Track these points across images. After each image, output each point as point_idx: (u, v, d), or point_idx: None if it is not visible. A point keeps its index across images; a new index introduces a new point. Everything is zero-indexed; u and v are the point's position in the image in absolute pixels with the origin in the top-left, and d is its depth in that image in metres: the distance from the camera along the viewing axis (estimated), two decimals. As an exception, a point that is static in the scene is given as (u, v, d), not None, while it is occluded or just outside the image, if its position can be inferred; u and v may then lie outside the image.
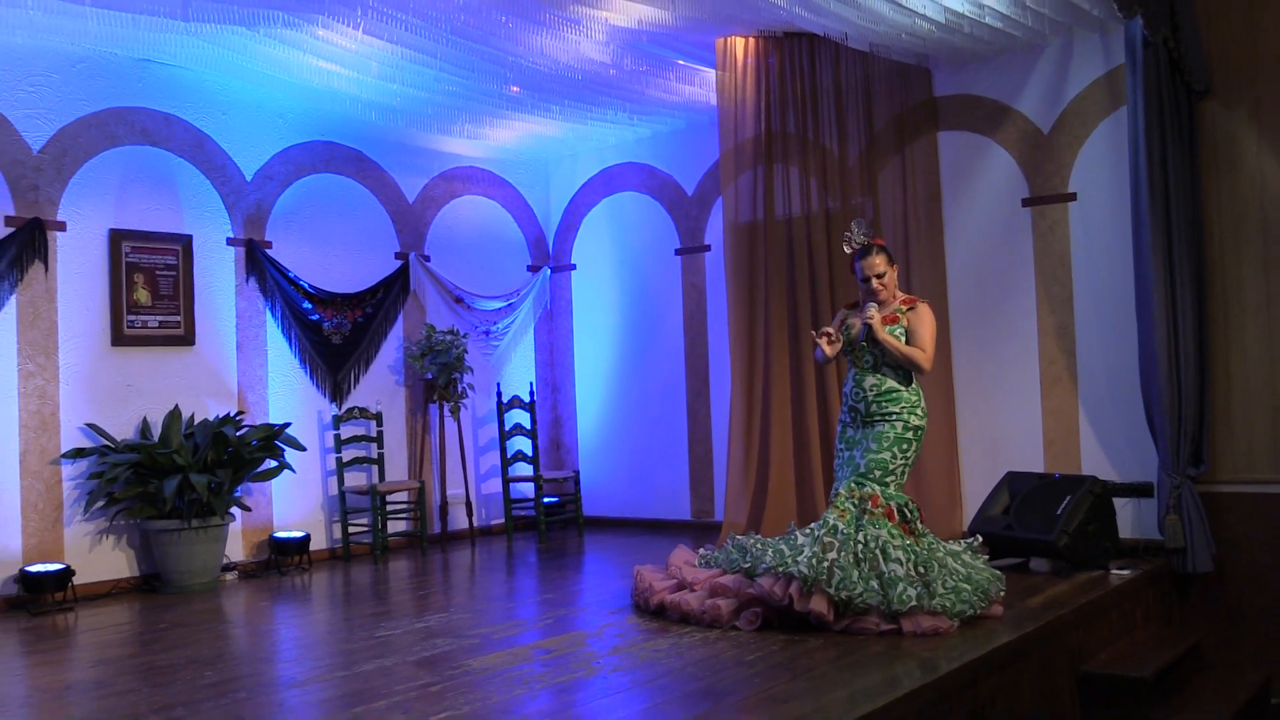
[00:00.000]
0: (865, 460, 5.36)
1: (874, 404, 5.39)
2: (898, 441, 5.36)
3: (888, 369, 5.41)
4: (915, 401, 5.42)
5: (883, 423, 5.37)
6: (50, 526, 6.81)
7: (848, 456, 5.48)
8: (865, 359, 5.44)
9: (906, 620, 4.89)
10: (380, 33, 6.47)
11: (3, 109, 6.77)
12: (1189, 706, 5.31)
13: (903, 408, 5.38)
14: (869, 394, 5.40)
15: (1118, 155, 6.92)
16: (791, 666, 4.39)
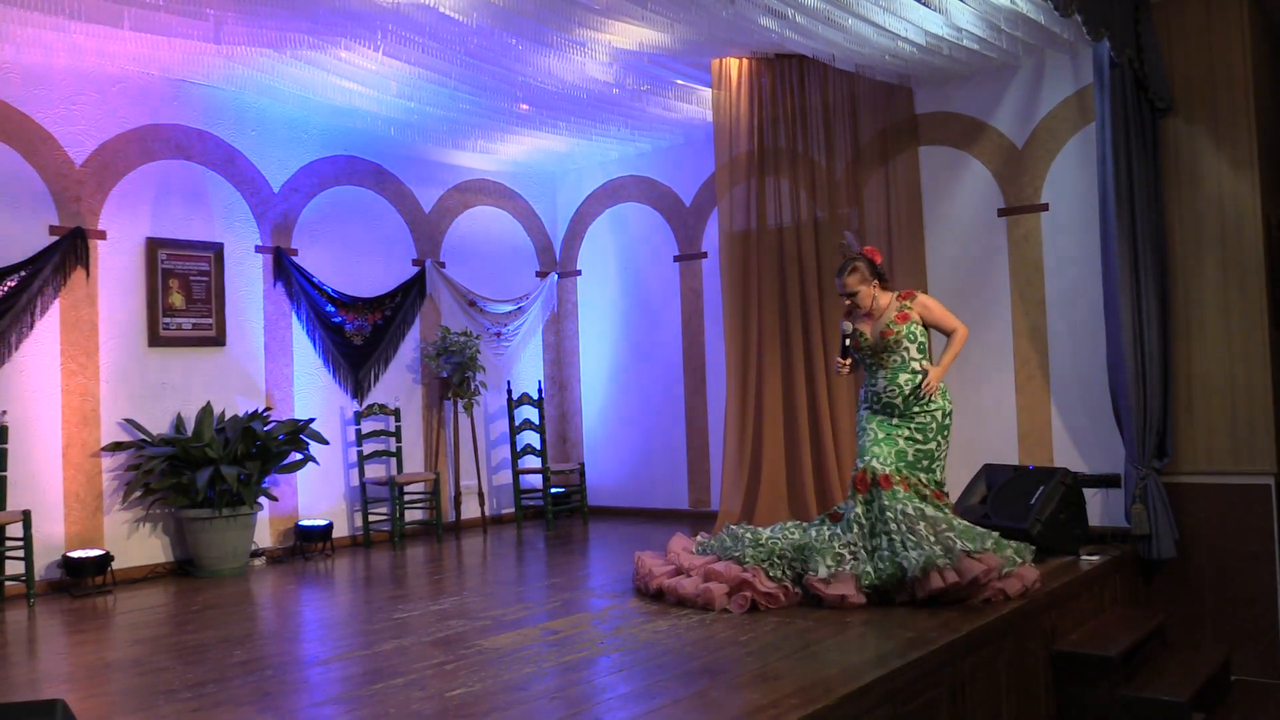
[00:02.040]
0: (914, 451, 5.40)
1: (910, 398, 5.40)
2: (940, 430, 5.44)
3: (917, 361, 5.44)
4: (944, 389, 5.50)
5: (924, 415, 5.40)
6: (91, 515, 6.80)
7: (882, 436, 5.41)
8: (894, 359, 5.42)
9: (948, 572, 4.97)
10: (399, 54, 6.46)
11: (48, 125, 6.76)
12: (1154, 683, 5.29)
13: (941, 393, 5.46)
14: (904, 389, 5.40)
15: (1087, 168, 6.91)
16: (783, 646, 4.37)
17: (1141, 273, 6.33)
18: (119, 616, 5.84)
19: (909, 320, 5.44)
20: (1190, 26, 6.58)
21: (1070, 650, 5.22)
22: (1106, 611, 5.98)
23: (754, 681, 3.88)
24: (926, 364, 5.44)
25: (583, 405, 9.90)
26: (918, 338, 5.46)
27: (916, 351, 5.45)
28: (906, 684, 3.99)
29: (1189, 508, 6.50)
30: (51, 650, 5.22)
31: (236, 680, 4.25)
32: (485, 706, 3.72)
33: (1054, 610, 5.32)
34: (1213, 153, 6.51)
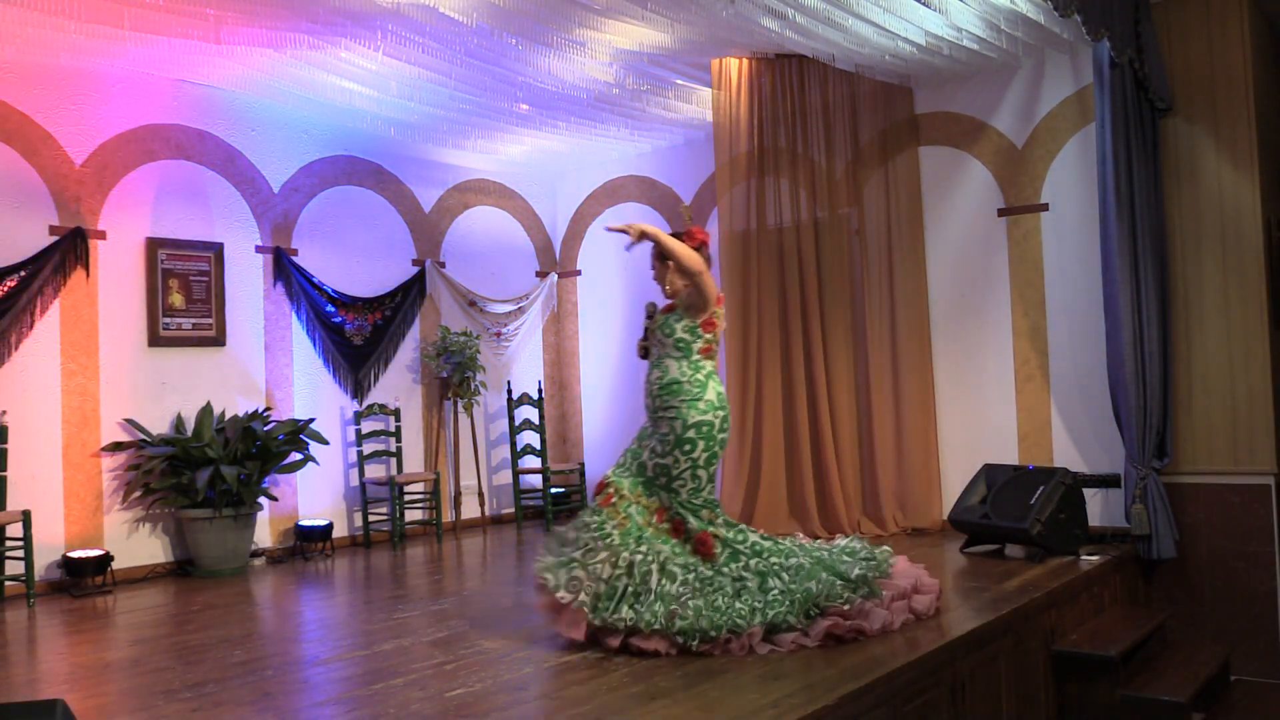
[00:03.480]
0: (653, 465, 4.66)
1: (658, 399, 4.72)
2: (679, 444, 4.58)
3: (669, 359, 4.71)
4: (697, 394, 4.61)
5: (664, 422, 4.66)
6: (91, 515, 6.79)
7: (635, 450, 4.80)
8: (653, 351, 4.84)
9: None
10: (399, 54, 6.45)
11: (48, 126, 6.75)
12: (1154, 683, 5.29)
13: (682, 401, 4.62)
14: (654, 388, 4.75)
15: (1087, 168, 6.91)
16: (783, 646, 4.37)
17: (1141, 273, 6.33)
18: (119, 616, 5.84)
19: (673, 310, 4.80)
20: (1190, 26, 6.58)
21: (1070, 650, 5.22)
22: (1106, 611, 5.98)
23: (754, 681, 3.87)
24: (684, 367, 4.68)
25: (583, 405, 9.89)
26: (675, 331, 4.74)
27: (674, 349, 4.74)
28: (906, 684, 3.99)
29: (1189, 508, 6.50)
30: (51, 650, 5.21)
31: (236, 680, 4.25)
32: (485, 706, 3.71)
33: (1054, 610, 5.32)
34: (1213, 153, 6.51)
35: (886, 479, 7.50)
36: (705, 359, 4.73)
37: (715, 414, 4.63)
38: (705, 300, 4.71)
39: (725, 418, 4.69)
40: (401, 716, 3.65)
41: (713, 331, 4.75)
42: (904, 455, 7.53)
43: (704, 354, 4.74)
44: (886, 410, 7.56)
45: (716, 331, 4.77)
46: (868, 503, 7.56)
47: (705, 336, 4.72)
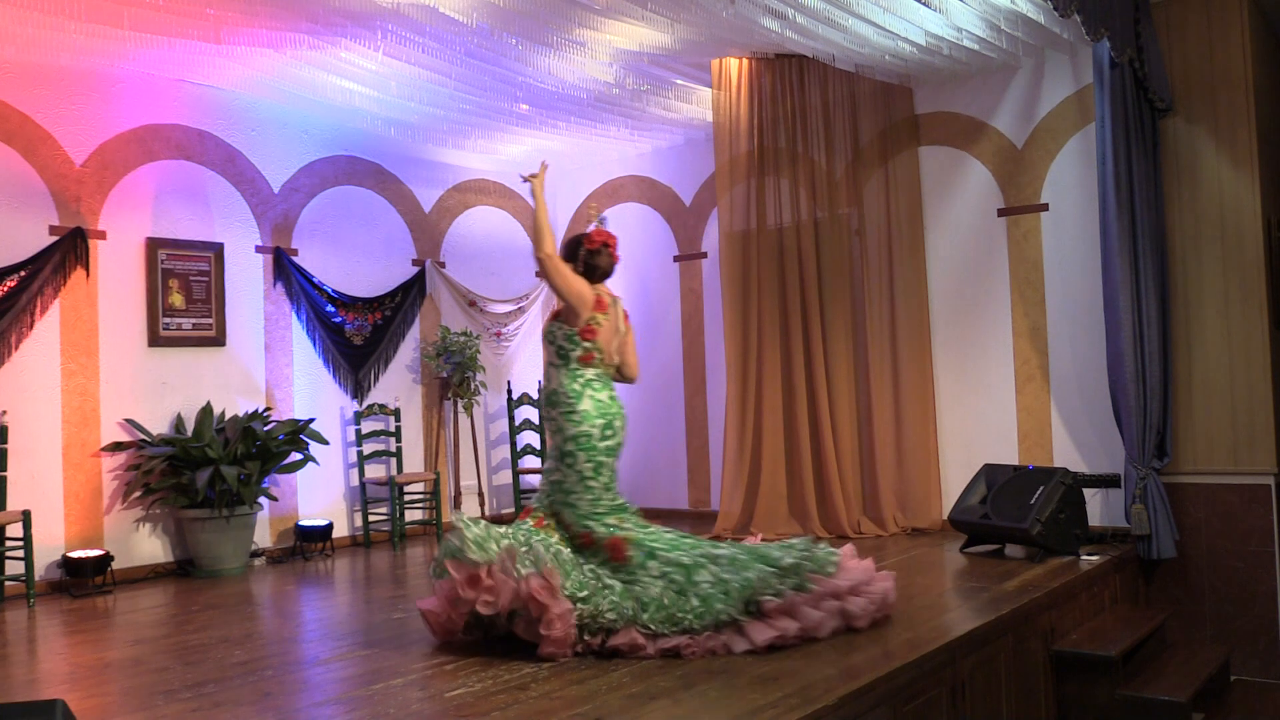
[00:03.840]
0: (548, 481, 4.71)
1: (542, 410, 4.77)
2: (563, 457, 4.60)
3: (552, 368, 4.70)
4: (572, 404, 4.59)
5: (552, 435, 4.67)
6: (91, 515, 6.79)
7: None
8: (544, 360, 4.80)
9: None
10: (399, 54, 6.45)
11: (48, 126, 6.75)
12: (1154, 683, 5.29)
13: (560, 413, 4.60)
14: (540, 399, 4.79)
15: (1087, 168, 6.91)
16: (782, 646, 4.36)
17: (1141, 273, 6.34)
18: (119, 616, 5.84)
19: (555, 318, 4.78)
20: (1190, 26, 6.58)
21: (1070, 650, 5.22)
22: (1106, 611, 5.98)
23: (754, 681, 3.87)
24: (563, 376, 4.65)
25: (583, 405, 9.87)
26: (556, 339, 4.71)
27: (556, 357, 4.71)
28: (906, 683, 3.99)
29: (1189, 508, 6.50)
30: (51, 650, 5.21)
31: (237, 680, 4.25)
32: (485, 707, 3.71)
33: (1054, 610, 5.32)
34: (1213, 153, 6.51)
35: (886, 479, 7.50)
36: (585, 367, 4.67)
37: (593, 424, 4.59)
38: (569, 299, 4.66)
39: (607, 426, 4.63)
40: (401, 717, 3.65)
41: (593, 339, 4.67)
42: (904, 455, 7.53)
43: (583, 362, 4.67)
44: (886, 410, 7.56)
45: (598, 339, 4.69)
46: (868, 503, 7.56)
47: (584, 344, 4.66)
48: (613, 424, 4.66)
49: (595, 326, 4.67)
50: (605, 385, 4.72)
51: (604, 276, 4.82)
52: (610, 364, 4.77)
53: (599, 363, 4.70)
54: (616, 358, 4.80)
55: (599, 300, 4.71)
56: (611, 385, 4.78)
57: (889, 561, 6.35)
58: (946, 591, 5.53)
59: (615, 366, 4.83)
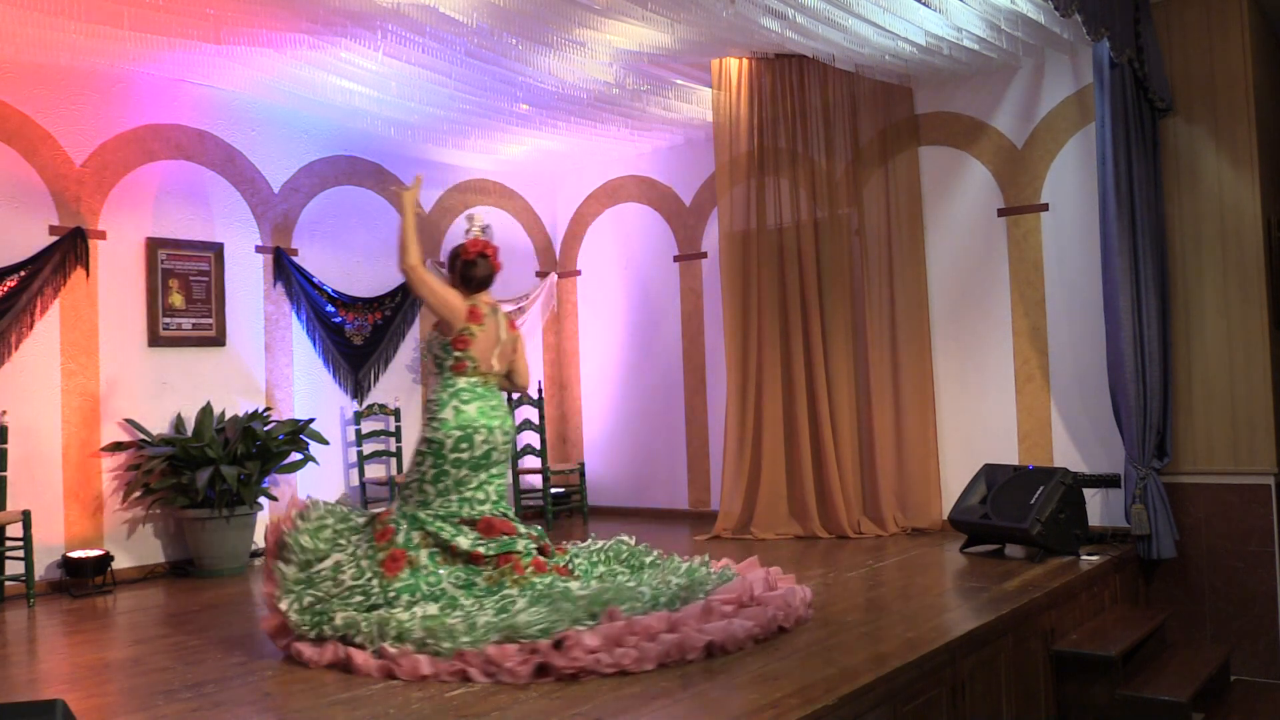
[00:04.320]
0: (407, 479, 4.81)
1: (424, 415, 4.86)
2: (416, 455, 4.75)
3: (432, 376, 4.84)
4: (435, 412, 4.73)
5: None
6: (91, 515, 6.80)
7: None
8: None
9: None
10: (399, 54, 6.46)
11: (48, 126, 6.75)
12: (1154, 683, 5.29)
13: (427, 419, 4.75)
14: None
15: (1087, 168, 6.91)
16: (782, 647, 4.37)
17: (1141, 273, 6.34)
18: (119, 616, 5.84)
19: (434, 328, 4.92)
20: (1190, 27, 6.58)
21: (1070, 650, 5.23)
22: (1106, 611, 5.98)
23: (754, 681, 3.87)
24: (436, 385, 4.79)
25: (583, 405, 9.89)
26: (434, 348, 4.84)
27: (433, 365, 4.86)
28: (906, 683, 3.99)
29: (1189, 508, 6.50)
30: (51, 650, 5.21)
31: (236, 680, 4.25)
32: (485, 707, 3.71)
33: (1054, 610, 5.32)
34: (1213, 153, 6.51)
35: (886, 479, 7.50)
36: (457, 376, 4.78)
37: (448, 433, 4.67)
38: (437, 311, 4.78)
39: (462, 439, 4.68)
40: (402, 716, 3.65)
41: (465, 349, 4.76)
42: (904, 455, 7.53)
43: (456, 371, 4.78)
44: (886, 410, 7.56)
45: (470, 349, 4.77)
46: (868, 503, 7.57)
47: (455, 354, 4.76)
48: (471, 438, 4.70)
49: (469, 336, 4.76)
50: (477, 397, 4.78)
51: (482, 286, 4.89)
52: (488, 373, 4.85)
53: (473, 372, 4.78)
54: (498, 365, 4.88)
55: (472, 311, 4.79)
56: (489, 397, 4.83)
57: (890, 561, 6.36)
58: (946, 591, 5.54)
59: (502, 375, 4.93)
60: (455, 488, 4.71)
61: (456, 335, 4.76)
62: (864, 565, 6.27)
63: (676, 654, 4.05)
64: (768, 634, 4.39)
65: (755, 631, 4.30)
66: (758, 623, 4.34)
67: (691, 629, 4.16)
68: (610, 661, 3.95)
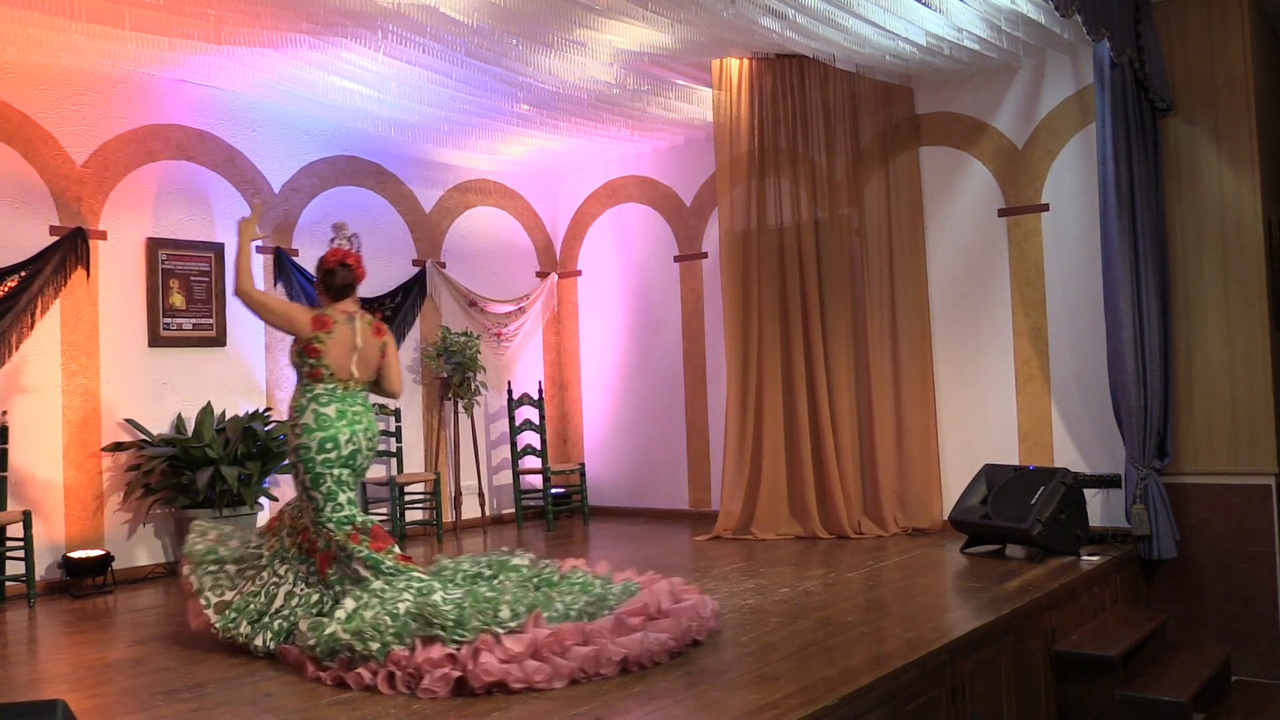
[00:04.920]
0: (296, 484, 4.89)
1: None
2: (293, 466, 4.81)
3: (298, 383, 4.90)
4: (295, 419, 4.79)
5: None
6: (91, 515, 6.80)
7: None
8: None
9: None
10: (400, 55, 6.46)
11: (48, 126, 6.76)
12: (1155, 683, 5.29)
13: (291, 426, 4.82)
14: None
15: (1087, 168, 6.91)
16: (783, 647, 4.37)
17: (1142, 273, 6.34)
18: (119, 617, 5.84)
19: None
20: (1191, 27, 6.58)
21: (1070, 650, 5.23)
22: (1107, 611, 5.98)
23: (754, 681, 3.88)
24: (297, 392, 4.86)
25: (584, 406, 9.89)
26: (293, 357, 4.91)
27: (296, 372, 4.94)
28: (907, 684, 4.00)
29: (1190, 508, 6.50)
30: (52, 650, 5.21)
31: (237, 681, 4.25)
32: (487, 706, 3.72)
33: (1054, 610, 5.32)
34: (1213, 153, 6.51)
35: (887, 479, 7.50)
36: (314, 383, 4.84)
37: (312, 438, 4.73)
38: (278, 325, 4.96)
39: (326, 439, 4.74)
40: (404, 716, 3.65)
41: (316, 357, 4.82)
42: (904, 455, 7.53)
43: (312, 378, 4.85)
44: (887, 410, 7.56)
45: (322, 356, 4.82)
46: (868, 503, 7.57)
47: (309, 361, 4.83)
48: (335, 439, 4.75)
49: (317, 345, 4.81)
50: (336, 400, 4.82)
51: (343, 293, 4.97)
52: (347, 379, 4.88)
53: (330, 378, 4.84)
54: (359, 372, 4.92)
55: (318, 319, 4.85)
56: (350, 402, 4.86)
57: (890, 562, 6.36)
58: (947, 592, 5.54)
59: (367, 381, 4.98)
60: (339, 486, 4.78)
61: (305, 344, 4.84)
62: (864, 565, 6.27)
63: (591, 668, 3.97)
64: (682, 646, 4.29)
65: (670, 645, 4.21)
66: (672, 635, 4.24)
67: (606, 643, 4.07)
68: (520, 677, 3.88)
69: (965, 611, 4.91)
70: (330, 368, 4.83)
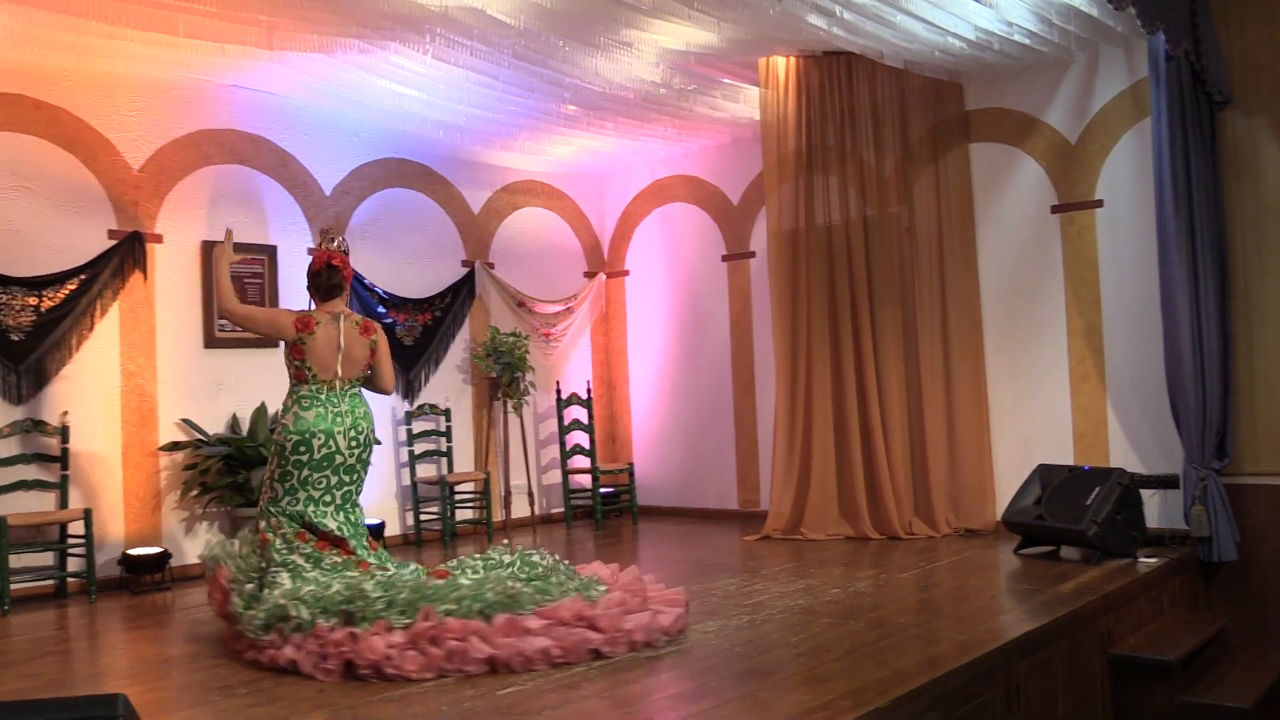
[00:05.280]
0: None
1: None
2: (270, 457, 5.03)
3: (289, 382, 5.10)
4: (280, 415, 5.06)
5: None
6: (149, 513, 6.92)
7: None
8: None
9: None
10: (448, 57, 6.50)
11: (106, 132, 6.89)
12: (1216, 689, 5.18)
13: (277, 423, 5.08)
14: None
15: (1143, 163, 6.79)
16: (834, 648, 4.34)
17: (1200, 269, 6.22)
18: (177, 613, 5.94)
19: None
20: (1250, 17, 6.44)
21: (1128, 654, 5.14)
22: (1165, 615, 5.87)
23: (805, 683, 3.85)
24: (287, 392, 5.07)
25: (632, 405, 9.90)
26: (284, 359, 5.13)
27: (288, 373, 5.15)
28: (959, 687, 3.95)
29: (1250, 509, 6.36)
30: (112, 645, 5.32)
31: (290, 676, 4.30)
32: (537, 705, 3.73)
33: (1111, 613, 5.24)
34: (1273, 145, 6.37)
35: (938, 479, 7.43)
36: (300, 384, 5.01)
37: (288, 438, 4.90)
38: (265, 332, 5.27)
39: (300, 443, 4.89)
40: (454, 714, 3.67)
41: (301, 358, 4.98)
42: (956, 455, 7.45)
43: (297, 379, 5.01)
44: (938, 410, 7.48)
45: (306, 357, 4.97)
46: (919, 504, 7.49)
47: (295, 363, 5.00)
48: (309, 442, 4.89)
49: (301, 346, 4.97)
50: (318, 403, 4.96)
51: (330, 294, 5.14)
52: (332, 379, 5.01)
53: (314, 379, 4.98)
54: (345, 371, 5.04)
55: (301, 321, 4.99)
56: (335, 403, 4.98)
57: (942, 563, 6.30)
58: (1000, 594, 5.47)
59: (356, 379, 5.12)
60: (302, 486, 4.91)
61: (292, 346, 5.00)
62: (916, 567, 6.21)
63: (457, 662, 4.13)
64: (575, 659, 4.24)
65: (555, 654, 4.21)
66: (560, 644, 4.23)
67: (476, 641, 4.18)
68: (394, 665, 4.11)
69: (1019, 614, 4.84)
70: (314, 368, 4.97)
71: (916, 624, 4.73)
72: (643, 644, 4.40)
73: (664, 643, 4.47)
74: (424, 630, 4.22)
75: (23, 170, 6.56)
